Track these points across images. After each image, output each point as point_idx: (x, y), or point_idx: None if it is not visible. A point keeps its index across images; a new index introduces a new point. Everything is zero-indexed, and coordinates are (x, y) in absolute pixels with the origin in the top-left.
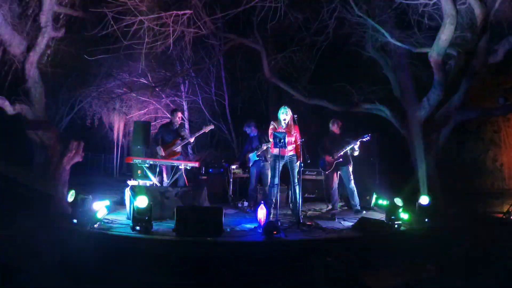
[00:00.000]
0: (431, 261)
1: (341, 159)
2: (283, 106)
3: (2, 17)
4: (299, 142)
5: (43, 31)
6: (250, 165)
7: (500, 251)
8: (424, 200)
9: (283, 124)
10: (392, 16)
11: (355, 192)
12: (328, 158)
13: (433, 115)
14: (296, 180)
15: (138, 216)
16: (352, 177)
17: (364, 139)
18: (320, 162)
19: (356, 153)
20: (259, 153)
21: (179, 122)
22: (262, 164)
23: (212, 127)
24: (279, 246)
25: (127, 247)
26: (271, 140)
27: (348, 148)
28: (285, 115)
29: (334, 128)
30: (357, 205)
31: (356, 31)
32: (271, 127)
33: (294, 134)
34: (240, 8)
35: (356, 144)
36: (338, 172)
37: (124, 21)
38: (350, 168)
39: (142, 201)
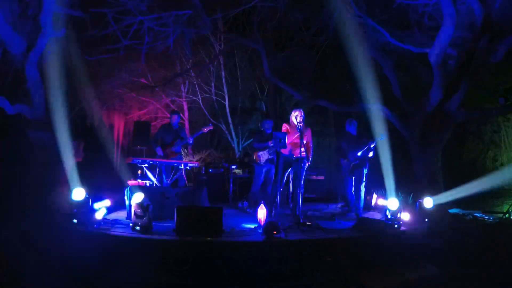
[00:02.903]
0: (431, 261)
1: (357, 161)
2: (298, 108)
3: (2, 17)
4: (310, 144)
5: (43, 31)
6: (262, 163)
7: (499, 251)
8: (428, 203)
9: (299, 126)
10: (392, 16)
11: (362, 197)
12: (345, 162)
13: (433, 115)
14: (302, 182)
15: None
16: (364, 180)
17: (380, 139)
18: (338, 166)
19: (370, 154)
20: (271, 151)
21: (178, 123)
22: (269, 165)
23: (211, 128)
24: (279, 246)
25: (127, 247)
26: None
27: (364, 149)
28: (300, 117)
29: (351, 129)
30: (360, 209)
31: (356, 31)
32: (283, 129)
33: (306, 136)
34: (240, 8)
35: (372, 144)
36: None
37: (124, 21)
38: (365, 171)
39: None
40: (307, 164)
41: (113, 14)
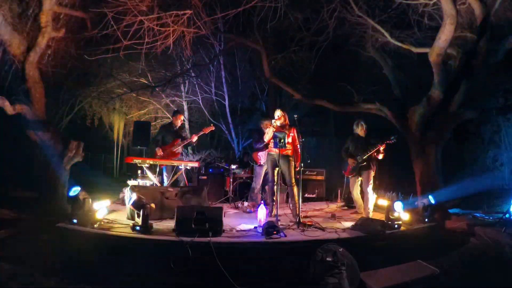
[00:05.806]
0: (431, 261)
1: (364, 163)
2: (276, 109)
3: (2, 17)
4: (296, 143)
5: (43, 31)
6: (261, 163)
7: (499, 251)
8: (430, 199)
9: (272, 122)
10: (392, 16)
11: (371, 198)
12: (352, 163)
13: (433, 115)
14: (292, 181)
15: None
16: (371, 182)
17: (390, 142)
18: (344, 166)
19: (380, 156)
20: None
21: (180, 124)
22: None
23: (212, 128)
24: (279, 246)
25: (127, 247)
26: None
27: (373, 151)
28: (276, 117)
29: (359, 130)
30: (369, 212)
31: (356, 31)
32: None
33: (290, 136)
34: (240, 8)
35: (382, 146)
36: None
37: (124, 21)
38: (372, 173)
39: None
40: (294, 163)
41: (113, 14)
